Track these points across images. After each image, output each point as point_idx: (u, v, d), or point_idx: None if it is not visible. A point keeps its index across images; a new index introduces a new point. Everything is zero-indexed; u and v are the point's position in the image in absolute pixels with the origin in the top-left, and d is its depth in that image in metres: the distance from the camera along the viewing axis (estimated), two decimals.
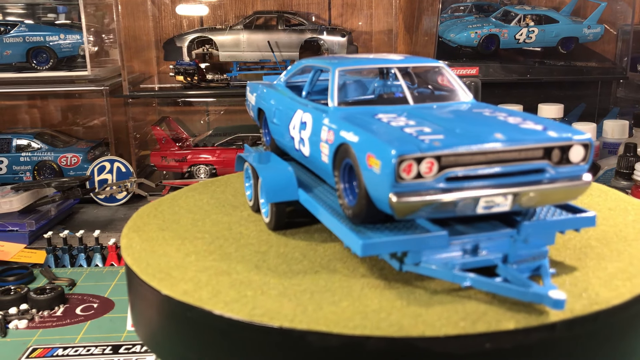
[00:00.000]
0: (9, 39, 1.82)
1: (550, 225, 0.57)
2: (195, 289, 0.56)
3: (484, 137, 0.52)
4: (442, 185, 0.51)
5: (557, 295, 0.47)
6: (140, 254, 0.65)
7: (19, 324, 1.09)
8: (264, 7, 1.95)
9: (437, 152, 0.50)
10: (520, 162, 0.53)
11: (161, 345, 0.59)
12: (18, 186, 1.60)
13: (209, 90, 1.87)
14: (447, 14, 1.96)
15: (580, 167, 0.55)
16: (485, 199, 0.52)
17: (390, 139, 0.52)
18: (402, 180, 0.50)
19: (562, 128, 0.55)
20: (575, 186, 0.55)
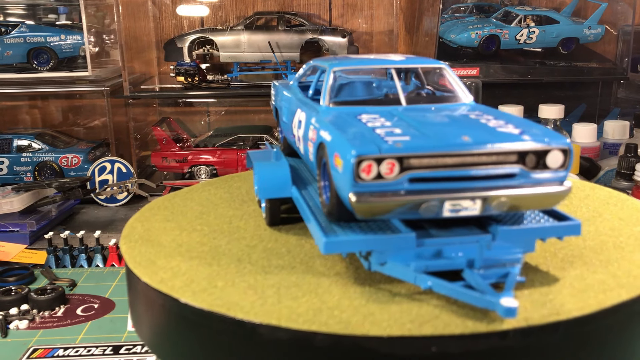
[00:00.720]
0: (9, 40, 1.82)
1: (527, 232, 0.55)
2: (172, 278, 0.58)
3: (451, 139, 0.52)
4: (404, 187, 0.51)
5: (509, 303, 0.46)
6: (137, 242, 0.67)
7: (20, 324, 1.09)
8: (265, 8, 1.95)
9: (398, 154, 0.50)
10: (491, 165, 0.52)
11: (138, 323, 0.62)
12: (19, 187, 1.60)
13: (209, 91, 1.87)
14: (448, 15, 1.96)
15: (558, 173, 0.53)
16: (451, 202, 0.51)
17: (354, 139, 0.52)
18: (362, 180, 0.50)
19: (541, 133, 0.53)
20: (552, 193, 0.53)
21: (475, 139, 0.52)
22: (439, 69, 0.71)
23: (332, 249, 0.53)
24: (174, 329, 0.56)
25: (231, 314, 0.50)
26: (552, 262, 0.60)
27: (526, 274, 0.56)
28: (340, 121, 0.59)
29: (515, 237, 0.55)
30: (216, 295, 0.54)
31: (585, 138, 1.68)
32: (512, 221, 0.56)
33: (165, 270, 0.59)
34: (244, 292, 0.54)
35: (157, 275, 0.58)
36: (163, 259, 0.62)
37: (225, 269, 0.60)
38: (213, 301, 0.53)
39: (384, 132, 0.53)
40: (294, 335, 0.48)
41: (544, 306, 0.50)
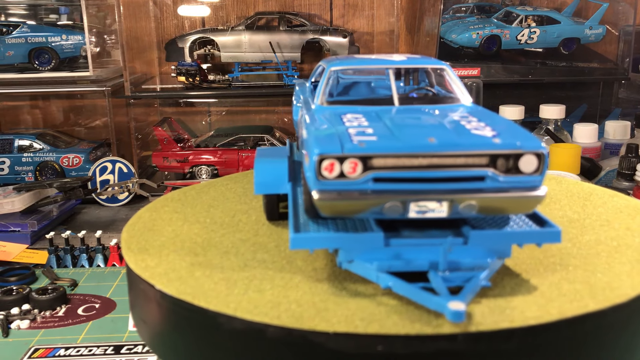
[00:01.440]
0: (11, 40, 1.83)
1: (501, 237, 0.54)
2: (156, 265, 0.60)
3: (416, 140, 0.51)
4: (368, 186, 0.51)
5: (456, 307, 0.46)
6: (138, 230, 0.69)
7: (21, 324, 1.09)
8: (266, 8, 1.95)
9: (360, 153, 0.50)
10: (459, 168, 0.51)
11: (133, 307, 0.63)
12: (20, 187, 1.60)
13: (210, 91, 1.87)
14: (449, 15, 1.96)
15: (532, 178, 0.51)
16: (416, 203, 0.51)
17: (321, 139, 0.52)
18: (324, 178, 0.51)
19: (517, 136, 0.52)
20: (524, 198, 0.51)
21: (442, 140, 0.51)
22: (439, 69, 0.71)
23: (299, 245, 0.54)
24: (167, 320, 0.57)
25: (194, 302, 0.52)
26: (534, 268, 0.58)
27: (500, 279, 0.55)
28: (323, 120, 0.59)
29: (488, 241, 0.54)
30: (189, 284, 0.56)
31: (586, 138, 1.67)
32: (493, 225, 0.55)
33: (153, 258, 0.62)
34: (215, 283, 0.56)
35: (143, 262, 0.61)
36: (155, 247, 0.65)
37: (209, 260, 0.61)
38: (183, 289, 0.54)
39: (356, 132, 0.54)
40: (248, 326, 0.49)
41: (502, 312, 0.49)
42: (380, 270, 0.53)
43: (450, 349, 0.46)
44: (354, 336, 0.46)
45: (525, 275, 0.57)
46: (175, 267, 0.60)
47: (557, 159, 1.49)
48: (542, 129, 1.72)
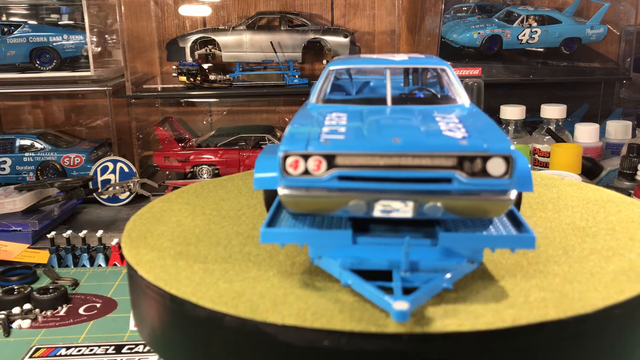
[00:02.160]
0: (12, 40, 1.83)
1: (470, 240, 0.53)
2: (146, 252, 0.62)
3: (381, 140, 0.51)
4: (332, 184, 0.52)
5: (400, 307, 0.46)
6: (145, 219, 0.72)
7: (22, 323, 1.09)
8: (267, 8, 1.95)
9: (324, 151, 0.51)
10: (424, 169, 0.51)
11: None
12: (21, 186, 1.60)
13: (211, 91, 1.87)
14: (450, 15, 1.96)
15: (500, 181, 0.50)
16: (381, 202, 0.51)
17: (291, 136, 0.53)
18: (289, 175, 0.52)
19: (487, 138, 0.51)
20: (491, 201, 0.50)
21: (406, 141, 0.51)
22: (440, 69, 0.70)
23: (268, 239, 0.55)
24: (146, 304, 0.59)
25: (166, 288, 0.54)
26: (512, 274, 0.57)
27: (471, 283, 0.55)
28: (307, 119, 0.60)
29: (458, 243, 0.53)
30: (168, 271, 0.58)
31: (588, 138, 1.67)
32: (470, 227, 0.55)
33: (146, 245, 0.64)
34: (193, 272, 0.58)
35: (136, 249, 0.63)
36: (155, 236, 0.67)
37: (198, 251, 0.63)
38: (161, 276, 0.57)
39: (328, 130, 0.54)
40: (209, 314, 0.51)
41: (455, 316, 0.49)
42: (343, 267, 0.53)
43: (395, 349, 0.46)
44: (302, 330, 0.47)
45: (500, 280, 0.56)
46: (164, 255, 0.62)
47: (558, 158, 1.49)
48: (544, 128, 1.72)
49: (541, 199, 0.78)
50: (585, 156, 1.56)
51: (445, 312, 0.49)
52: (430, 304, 0.51)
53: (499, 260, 0.60)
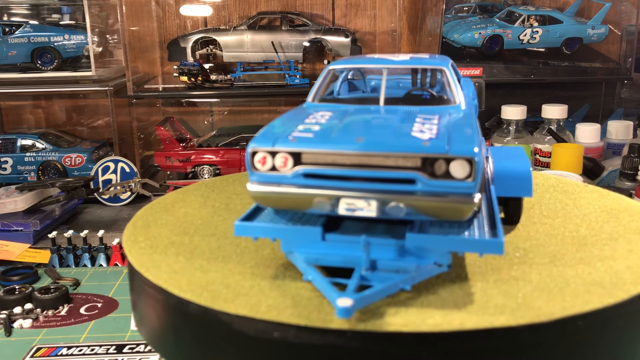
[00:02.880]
0: (13, 40, 1.83)
1: (435, 242, 0.53)
2: (143, 239, 0.66)
3: (346, 139, 0.52)
4: (297, 181, 0.53)
5: (343, 303, 0.46)
6: (156, 208, 0.76)
7: (24, 323, 1.09)
8: (268, 8, 1.95)
9: (289, 148, 0.52)
10: (388, 169, 0.51)
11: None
12: (22, 186, 1.61)
13: (212, 91, 1.87)
14: (451, 15, 1.96)
15: (463, 184, 0.49)
16: (346, 200, 0.51)
17: (264, 133, 0.55)
18: (257, 170, 0.54)
19: (453, 140, 0.51)
20: (454, 204, 0.50)
21: (370, 140, 0.51)
22: (439, 70, 0.70)
23: (242, 232, 0.56)
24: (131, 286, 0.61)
25: (145, 274, 0.57)
26: (484, 278, 0.56)
27: (436, 284, 0.54)
28: (291, 116, 0.61)
29: (423, 245, 0.53)
30: (152, 258, 0.61)
31: (589, 138, 1.67)
32: (442, 229, 0.54)
33: (147, 232, 0.68)
34: (176, 261, 0.60)
35: (133, 236, 0.67)
36: (158, 224, 0.71)
37: (190, 240, 0.66)
38: (143, 262, 0.60)
39: (303, 128, 0.55)
40: (177, 302, 0.53)
41: (404, 316, 0.49)
42: (307, 262, 0.54)
43: (339, 345, 0.47)
44: (254, 320, 0.49)
45: (470, 284, 0.55)
46: (157, 243, 0.65)
47: (560, 159, 1.49)
48: (545, 128, 1.72)
49: (555, 205, 0.77)
50: (586, 156, 1.56)
51: (397, 312, 0.49)
52: (386, 303, 0.51)
53: (479, 264, 0.59)
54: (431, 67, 0.71)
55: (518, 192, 0.68)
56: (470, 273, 0.57)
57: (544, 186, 0.85)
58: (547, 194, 0.82)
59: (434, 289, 0.54)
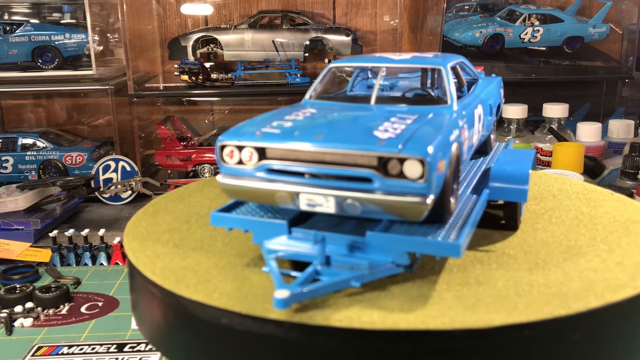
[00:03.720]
0: (14, 38, 1.83)
1: (392, 242, 0.53)
2: (145, 224, 0.70)
3: (306, 136, 0.53)
4: (261, 175, 0.55)
5: (280, 295, 0.48)
6: (173, 196, 0.80)
7: (25, 322, 1.09)
8: (269, 7, 1.95)
9: (253, 144, 0.54)
10: (345, 166, 0.51)
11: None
12: (23, 185, 1.61)
13: (213, 90, 1.87)
14: (452, 13, 1.96)
15: (416, 184, 0.50)
16: (306, 196, 0.53)
17: (236, 127, 0.57)
18: (225, 163, 0.56)
19: (410, 141, 0.51)
20: (406, 204, 0.50)
21: (328, 138, 0.52)
22: (436, 70, 0.69)
23: (217, 223, 0.59)
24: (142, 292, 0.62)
25: (130, 257, 0.62)
26: (449, 280, 0.56)
27: (392, 283, 0.55)
28: (277, 112, 0.63)
29: (383, 244, 0.53)
30: (146, 242, 0.65)
31: (590, 137, 1.67)
32: (407, 229, 0.54)
33: (153, 219, 0.72)
34: (163, 245, 0.65)
35: (139, 221, 0.70)
36: (167, 212, 0.75)
37: (187, 227, 0.70)
38: (135, 245, 0.65)
39: (277, 124, 0.57)
40: (149, 283, 0.57)
41: (345, 312, 0.49)
42: (268, 254, 0.56)
43: (277, 335, 0.49)
44: (206, 306, 0.52)
45: (428, 285, 0.55)
46: (156, 229, 0.69)
47: (561, 158, 1.49)
48: (546, 127, 1.72)
49: (569, 213, 0.74)
50: (587, 155, 1.56)
51: (339, 307, 0.50)
52: (336, 298, 0.52)
53: (454, 267, 0.59)
54: (428, 66, 0.71)
55: (512, 196, 0.66)
56: (437, 275, 0.57)
57: (567, 192, 0.82)
58: (568, 200, 0.79)
59: (391, 288, 0.54)
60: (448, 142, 0.54)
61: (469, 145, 0.66)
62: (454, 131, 0.57)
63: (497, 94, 0.85)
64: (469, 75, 0.81)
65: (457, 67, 0.73)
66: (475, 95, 0.73)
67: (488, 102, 0.77)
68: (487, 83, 0.83)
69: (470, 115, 0.67)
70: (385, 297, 0.53)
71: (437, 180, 0.51)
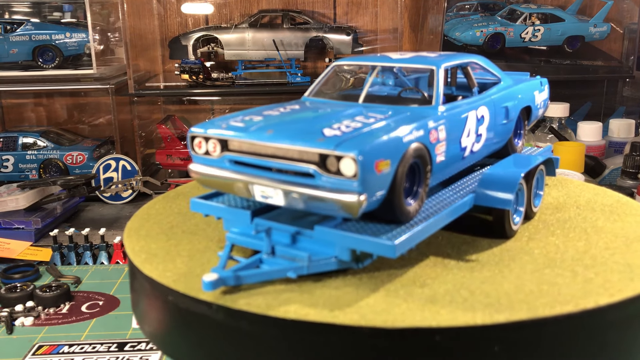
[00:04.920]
0: (15, 38, 1.83)
1: (334, 237, 0.54)
2: (137, 225, 0.72)
3: (259, 131, 0.56)
4: (223, 165, 0.58)
5: (208, 278, 0.52)
6: (188, 188, 0.82)
7: (25, 321, 1.10)
8: (269, 6, 1.95)
9: (215, 135, 0.58)
10: (292, 161, 0.54)
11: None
12: (24, 184, 1.61)
13: (214, 89, 1.87)
14: (453, 13, 1.96)
15: (350, 181, 0.51)
16: (259, 187, 0.55)
17: (211, 120, 0.61)
18: (195, 153, 0.60)
19: (350, 140, 0.52)
20: (341, 201, 0.51)
21: (277, 134, 0.55)
22: (429, 70, 0.68)
23: (195, 209, 0.63)
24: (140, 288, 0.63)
25: (125, 236, 0.68)
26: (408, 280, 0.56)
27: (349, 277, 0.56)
28: (262, 108, 0.65)
29: (327, 238, 0.55)
30: (145, 225, 0.71)
31: (591, 136, 1.67)
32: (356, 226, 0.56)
33: (161, 207, 0.76)
34: (157, 232, 0.69)
35: (137, 224, 0.72)
36: (176, 202, 0.78)
37: (187, 218, 0.73)
38: (133, 226, 0.70)
39: (247, 118, 0.60)
40: (133, 268, 0.61)
41: (268, 300, 0.52)
42: (228, 241, 0.60)
43: (208, 315, 0.53)
44: (157, 283, 0.57)
45: (368, 281, 0.56)
46: (155, 228, 0.71)
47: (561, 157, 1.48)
48: (546, 127, 1.72)
49: (580, 224, 0.71)
50: (588, 155, 1.56)
51: (269, 295, 0.52)
52: (274, 287, 0.54)
53: (417, 268, 0.59)
54: (421, 66, 0.70)
55: (495, 203, 0.64)
56: (386, 273, 0.58)
57: (594, 204, 0.78)
58: (590, 213, 0.74)
59: (330, 282, 0.56)
60: (400, 142, 0.55)
61: (455, 147, 0.64)
62: (415, 132, 0.57)
63: (526, 96, 0.82)
64: (492, 76, 0.78)
65: (467, 67, 0.72)
66: (483, 97, 0.71)
67: (503, 105, 0.74)
68: (513, 85, 0.79)
69: (459, 117, 0.65)
70: (315, 290, 0.54)
71: (377, 180, 0.52)
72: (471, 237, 0.67)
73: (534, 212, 0.73)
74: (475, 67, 0.76)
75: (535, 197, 0.73)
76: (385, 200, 0.54)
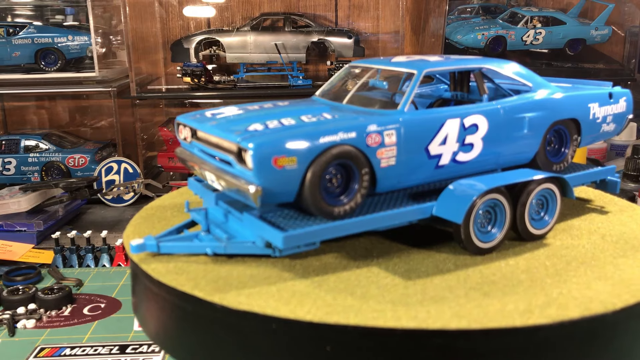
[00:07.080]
0: (17, 41, 1.84)
1: (252, 225, 0.60)
2: (152, 210, 0.77)
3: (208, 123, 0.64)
4: (192, 150, 0.68)
5: (133, 242, 0.61)
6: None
7: (27, 323, 1.10)
8: (271, 9, 1.96)
9: (186, 123, 0.67)
10: (222, 151, 0.60)
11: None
12: (26, 187, 1.61)
13: (215, 92, 1.88)
14: (454, 16, 1.96)
15: (248, 172, 0.56)
16: (207, 173, 0.63)
17: (198, 111, 0.69)
18: (178, 138, 0.70)
19: (263, 135, 0.57)
20: (244, 188, 0.57)
21: (214, 127, 0.62)
22: (410, 73, 0.67)
23: (190, 187, 0.72)
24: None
25: (125, 231, 0.72)
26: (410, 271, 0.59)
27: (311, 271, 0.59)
28: (255, 104, 0.71)
29: (248, 224, 0.61)
30: (146, 220, 0.75)
31: None
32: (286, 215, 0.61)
33: (150, 221, 0.77)
34: (154, 227, 0.73)
35: (137, 226, 0.74)
36: (160, 215, 0.78)
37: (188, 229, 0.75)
38: (134, 221, 0.75)
39: (219, 112, 0.67)
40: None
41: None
42: (192, 218, 0.69)
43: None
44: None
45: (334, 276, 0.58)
46: (156, 230, 0.72)
47: None
48: None
49: (587, 228, 0.71)
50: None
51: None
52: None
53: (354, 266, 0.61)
54: (403, 70, 0.69)
55: (446, 214, 0.62)
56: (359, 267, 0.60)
57: (620, 213, 0.76)
58: (609, 224, 0.72)
59: (330, 285, 0.57)
60: (314, 142, 0.57)
61: (418, 154, 0.63)
62: (342, 134, 0.58)
63: (569, 108, 0.76)
64: (522, 83, 0.74)
65: (479, 72, 0.70)
66: (480, 105, 0.67)
67: (518, 115, 0.69)
68: (548, 95, 0.74)
69: (428, 124, 0.63)
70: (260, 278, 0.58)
71: (278, 175, 0.56)
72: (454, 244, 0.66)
73: (534, 234, 0.67)
74: (489, 72, 0.72)
75: (536, 220, 0.68)
76: (301, 195, 0.58)
